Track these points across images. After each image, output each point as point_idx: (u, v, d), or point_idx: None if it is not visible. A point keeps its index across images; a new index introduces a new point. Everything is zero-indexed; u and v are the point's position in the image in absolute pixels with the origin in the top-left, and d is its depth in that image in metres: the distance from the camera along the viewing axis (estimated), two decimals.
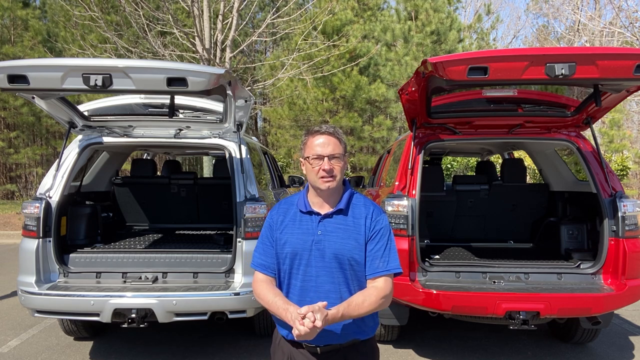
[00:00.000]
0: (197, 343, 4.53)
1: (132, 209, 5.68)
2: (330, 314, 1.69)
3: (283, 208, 1.98)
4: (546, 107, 4.29)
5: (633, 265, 3.69)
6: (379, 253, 1.85)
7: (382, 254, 1.86)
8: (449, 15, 17.70)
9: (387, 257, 1.86)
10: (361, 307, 1.78)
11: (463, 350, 4.40)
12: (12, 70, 2.87)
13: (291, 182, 7.53)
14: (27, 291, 3.70)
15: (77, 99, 12.00)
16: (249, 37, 12.57)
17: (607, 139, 16.59)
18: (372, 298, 1.81)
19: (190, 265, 4.01)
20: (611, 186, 3.89)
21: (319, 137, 1.85)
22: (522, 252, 4.79)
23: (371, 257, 1.85)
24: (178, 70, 2.91)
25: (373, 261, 1.85)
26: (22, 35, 17.50)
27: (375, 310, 1.84)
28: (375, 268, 1.85)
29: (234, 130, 4.19)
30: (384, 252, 1.86)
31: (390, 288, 1.86)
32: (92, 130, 4.23)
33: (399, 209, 3.85)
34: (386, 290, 1.84)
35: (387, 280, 1.86)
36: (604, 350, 4.41)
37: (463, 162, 16.38)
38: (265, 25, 11.28)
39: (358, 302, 1.78)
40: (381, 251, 1.86)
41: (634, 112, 21.21)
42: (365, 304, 1.79)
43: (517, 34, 40.70)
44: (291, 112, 16.99)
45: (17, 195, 18.45)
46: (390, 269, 1.86)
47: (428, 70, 3.11)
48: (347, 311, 1.75)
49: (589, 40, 20.08)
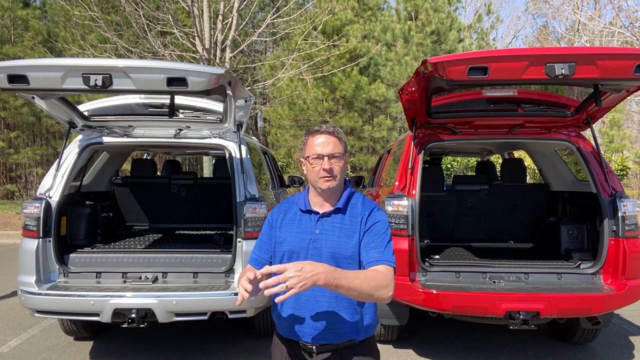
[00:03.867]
0: (197, 343, 4.53)
1: (132, 209, 5.69)
2: (322, 265, 1.55)
3: (284, 207, 1.98)
4: (546, 107, 4.28)
5: (633, 265, 3.69)
6: (373, 244, 1.80)
7: (376, 245, 1.80)
8: (449, 15, 17.71)
9: (382, 248, 1.79)
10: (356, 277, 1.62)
11: (463, 350, 4.40)
12: (12, 70, 2.87)
13: (291, 182, 7.53)
14: (27, 291, 3.69)
15: (77, 99, 12.01)
16: (249, 37, 12.58)
17: (607, 139, 16.60)
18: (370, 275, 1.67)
19: (190, 265, 4.01)
20: (611, 186, 3.89)
21: (319, 136, 1.85)
22: (522, 252, 4.79)
23: (368, 248, 1.80)
24: (178, 70, 2.90)
25: (369, 251, 1.79)
26: (22, 35, 17.52)
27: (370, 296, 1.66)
28: (373, 257, 1.77)
29: (234, 130, 4.19)
30: (380, 244, 1.80)
31: (391, 278, 1.74)
32: (92, 130, 4.23)
33: (399, 209, 3.85)
34: (386, 279, 1.70)
35: (388, 269, 1.75)
36: (604, 350, 4.41)
37: (463, 162, 16.39)
38: (265, 25, 11.28)
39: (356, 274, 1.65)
40: (378, 242, 1.80)
41: (634, 112, 21.21)
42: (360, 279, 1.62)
43: (517, 34, 40.79)
44: (291, 112, 16.99)
45: (17, 195, 18.46)
46: (385, 259, 1.77)
47: (428, 70, 3.11)
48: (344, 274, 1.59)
49: (589, 40, 20.09)
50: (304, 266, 1.50)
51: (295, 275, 1.47)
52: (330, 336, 1.83)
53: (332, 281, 1.54)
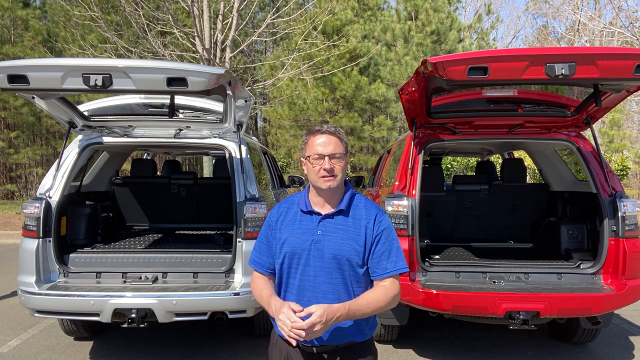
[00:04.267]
0: (197, 343, 4.53)
1: (132, 209, 5.69)
2: (337, 308, 1.69)
3: (284, 207, 1.98)
4: (546, 107, 4.29)
5: (633, 265, 3.69)
6: (385, 254, 1.85)
7: (388, 254, 1.86)
8: (449, 15, 17.70)
9: (394, 257, 1.86)
10: (369, 304, 1.78)
11: (463, 350, 4.40)
12: (12, 70, 2.87)
13: (291, 182, 7.53)
14: (27, 291, 3.69)
15: (77, 99, 12.00)
16: (249, 37, 12.58)
17: (607, 139, 16.60)
18: (380, 296, 1.81)
19: (190, 265, 4.01)
20: (611, 186, 3.89)
21: (320, 136, 1.85)
22: (522, 252, 4.79)
23: (377, 258, 1.85)
24: (178, 70, 2.91)
25: (380, 262, 1.85)
26: (23, 35, 17.51)
27: (383, 310, 1.84)
28: (384, 269, 1.85)
29: (234, 130, 4.18)
30: (391, 252, 1.86)
31: (398, 288, 1.87)
32: (92, 130, 4.23)
33: (399, 209, 3.85)
34: (394, 290, 1.85)
35: (394, 280, 1.86)
36: (604, 350, 4.41)
37: (463, 162, 16.39)
38: (265, 25, 11.29)
39: (367, 299, 1.79)
40: (388, 252, 1.86)
41: (634, 112, 21.22)
42: (374, 302, 1.79)
43: (517, 34, 40.78)
44: (291, 112, 16.99)
45: (17, 195, 18.46)
46: (398, 269, 1.86)
47: (428, 70, 3.11)
48: (356, 305, 1.75)
49: (589, 40, 20.08)
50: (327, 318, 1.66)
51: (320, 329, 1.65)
52: (330, 337, 1.83)
53: (349, 319, 1.76)
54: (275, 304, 1.76)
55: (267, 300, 1.81)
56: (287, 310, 1.68)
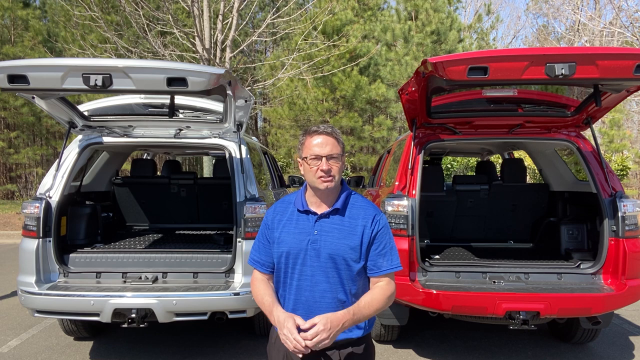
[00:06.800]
0: (197, 343, 4.53)
1: (132, 209, 5.69)
2: (342, 315, 1.74)
3: (280, 207, 1.98)
4: (546, 107, 4.29)
5: (633, 265, 3.69)
6: (382, 253, 1.88)
7: (385, 253, 1.89)
8: (449, 15, 17.70)
9: (389, 256, 1.90)
10: (370, 305, 1.82)
11: (463, 350, 4.40)
12: (12, 70, 2.87)
13: (291, 182, 7.53)
14: (27, 291, 3.69)
15: (77, 99, 12.01)
16: (249, 37, 12.58)
17: (607, 139, 16.60)
18: (379, 296, 1.86)
19: (190, 265, 4.01)
20: (611, 186, 3.89)
21: (317, 137, 1.85)
22: (522, 252, 4.79)
23: (374, 257, 1.88)
24: (178, 70, 2.91)
25: (377, 261, 1.88)
26: (23, 35, 17.52)
27: (382, 309, 1.88)
28: (380, 267, 1.88)
29: (234, 130, 4.18)
30: (387, 251, 1.90)
31: (394, 286, 1.92)
32: (92, 130, 4.23)
33: (399, 209, 3.85)
34: (391, 289, 1.90)
35: (390, 280, 1.91)
36: (604, 350, 4.41)
37: (463, 162, 16.38)
38: (265, 25, 11.29)
39: (367, 301, 1.83)
40: (384, 250, 1.89)
41: (634, 112, 21.21)
42: (374, 303, 1.84)
43: (517, 34, 40.77)
44: (291, 112, 16.99)
45: (17, 195, 18.46)
46: (393, 267, 1.90)
47: (428, 70, 3.11)
48: (358, 309, 1.79)
49: (589, 40, 20.08)
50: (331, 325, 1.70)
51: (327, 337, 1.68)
52: None
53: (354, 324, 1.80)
54: (279, 315, 1.78)
55: (269, 309, 1.83)
56: (292, 327, 1.71)
